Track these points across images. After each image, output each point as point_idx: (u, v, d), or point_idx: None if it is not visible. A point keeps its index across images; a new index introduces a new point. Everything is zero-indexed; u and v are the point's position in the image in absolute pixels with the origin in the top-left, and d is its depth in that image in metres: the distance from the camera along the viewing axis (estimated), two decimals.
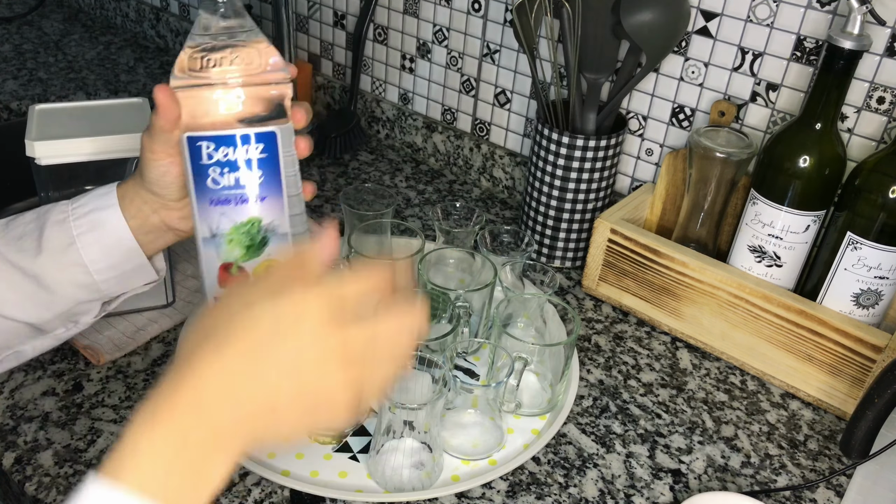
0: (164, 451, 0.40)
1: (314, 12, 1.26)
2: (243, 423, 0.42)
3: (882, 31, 0.77)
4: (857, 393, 0.76)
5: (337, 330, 0.42)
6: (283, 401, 0.42)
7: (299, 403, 0.42)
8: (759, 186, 0.79)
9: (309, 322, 0.42)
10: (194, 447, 0.40)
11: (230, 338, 0.42)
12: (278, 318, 0.42)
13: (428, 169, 1.19)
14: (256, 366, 0.41)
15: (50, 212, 0.62)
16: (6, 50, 1.46)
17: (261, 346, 0.41)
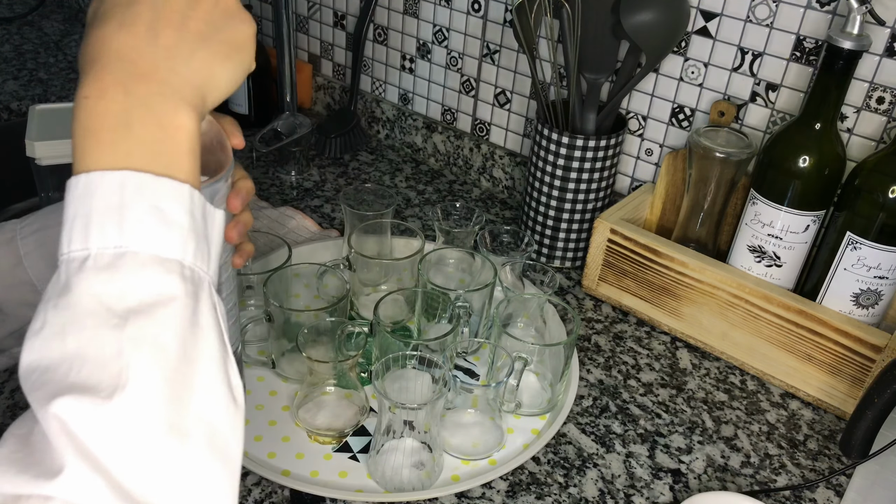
0: (115, 127, 0.41)
1: (314, 12, 1.26)
2: (158, 62, 0.42)
3: (882, 31, 0.77)
4: (856, 393, 0.76)
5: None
6: (175, 17, 0.43)
7: (190, 13, 0.44)
8: (759, 186, 0.79)
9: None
10: (139, 109, 0.41)
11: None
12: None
13: (428, 169, 1.19)
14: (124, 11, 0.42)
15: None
16: (6, 50, 1.46)
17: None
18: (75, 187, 0.41)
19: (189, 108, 0.43)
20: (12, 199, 1.30)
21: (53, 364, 0.36)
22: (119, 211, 0.39)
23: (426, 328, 0.79)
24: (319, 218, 1.04)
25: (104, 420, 0.35)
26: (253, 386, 0.77)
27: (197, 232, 0.41)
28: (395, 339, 0.70)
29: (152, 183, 0.40)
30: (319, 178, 1.14)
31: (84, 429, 0.35)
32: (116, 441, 0.35)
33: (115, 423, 0.35)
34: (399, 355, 0.67)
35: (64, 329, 0.37)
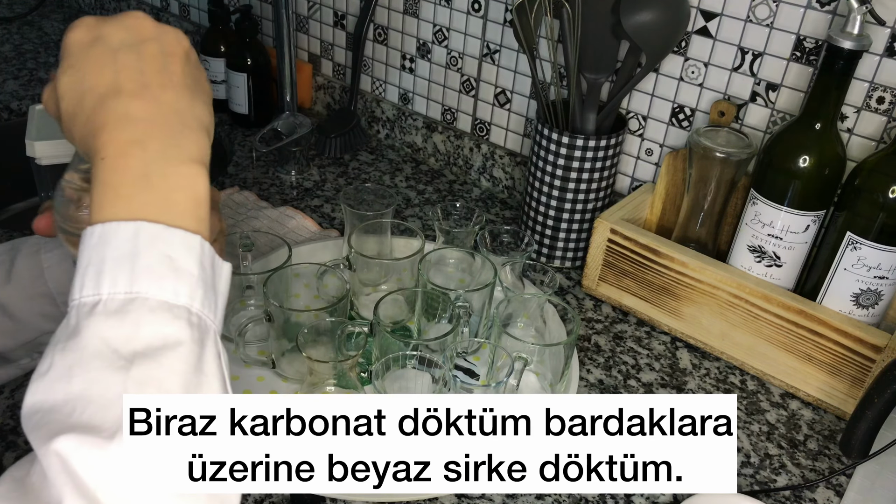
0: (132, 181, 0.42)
1: (314, 12, 1.26)
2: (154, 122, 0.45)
3: (882, 31, 0.77)
4: (856, 393, 0.76)
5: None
6: (147, 76, 0.46)
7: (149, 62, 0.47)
8: (759, 186, 0.79)
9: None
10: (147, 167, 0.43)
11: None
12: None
13: (428, 169, 1.19)
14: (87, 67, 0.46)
15: (23, 244, 0.62)
16: (6, 50, 1.46)
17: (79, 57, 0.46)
18: (90, 237, 0.41)
19: (200, 160, 0.45)
20: (12, 199, 1.30)
21: (58, 404, 0.37)
22: (132, 259, 0.40)
23: (426, 328, 0.79)
24: (319, 218, 1.04)
25: (105, 460, 0.35)
26: (253, 386, 0.77)
27: (206, 281, 0.42)
28: (395, 339, 0.70)
29: (165, 233, 0.41)
30: (319, 178, 1.14)
31: (84, 467, 0.35)
32: (116, 481, 0.35)
33: (116, 464, 0.36)
34: (399, 355, 0.67)
35: (70, 370, 0.38)
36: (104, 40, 0.46)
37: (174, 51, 0.48)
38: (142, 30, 0.47)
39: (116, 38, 0.46)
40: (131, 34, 0.47)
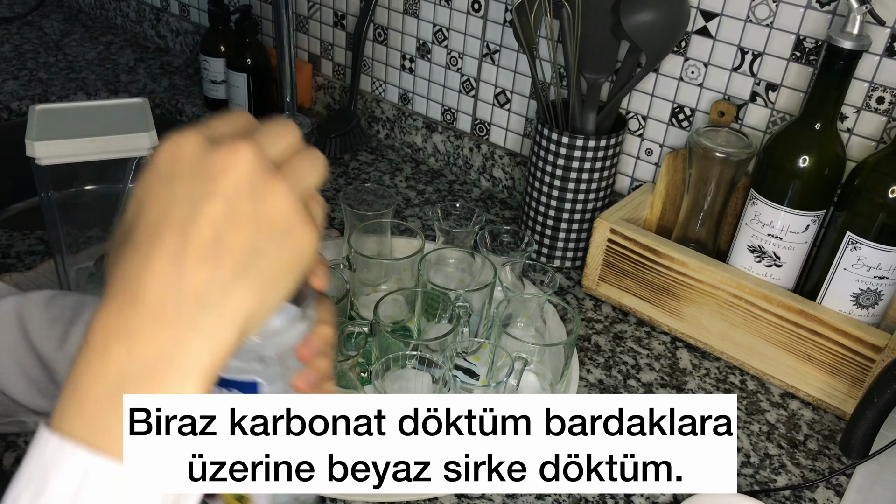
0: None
1: (314, 12, 1.26)
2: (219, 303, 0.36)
3: (882, 31, 0.77)
4: (856, 393, 0.76)
5: (220, 145, 0.36)
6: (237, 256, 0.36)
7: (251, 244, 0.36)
8: (759, 186, 0.79)
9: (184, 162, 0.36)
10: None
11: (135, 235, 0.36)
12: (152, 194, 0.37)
13: (428, 169, 1.19)
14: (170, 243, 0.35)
15: (87, 305, 0.60)
16: (6, 50, 1.46)
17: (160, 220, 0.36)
18: (45, 444, 0.35)
19: (199, 375, 0.36)
20: (12, 199, 1.30)
21: None
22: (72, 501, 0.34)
23: (426, 328, 0.79)
24: None
25: None
26: None
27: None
28: (395, 339, 0.70)
29: (117, 483, 0.35)
30: None
31: None
32: None
33: None
34: (399, 355, 0.67)
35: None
36: (175, 172, 0.36)
37: (250, 217, 0.36)
38: (223, 177, 0.35)
39: (186, 173, 0.36)
40: (205, 176, 0.35)
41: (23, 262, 0.90)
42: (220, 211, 0.35)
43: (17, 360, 0.59)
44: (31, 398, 0.59)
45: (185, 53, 1.50)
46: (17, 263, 0.90)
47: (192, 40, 1.47)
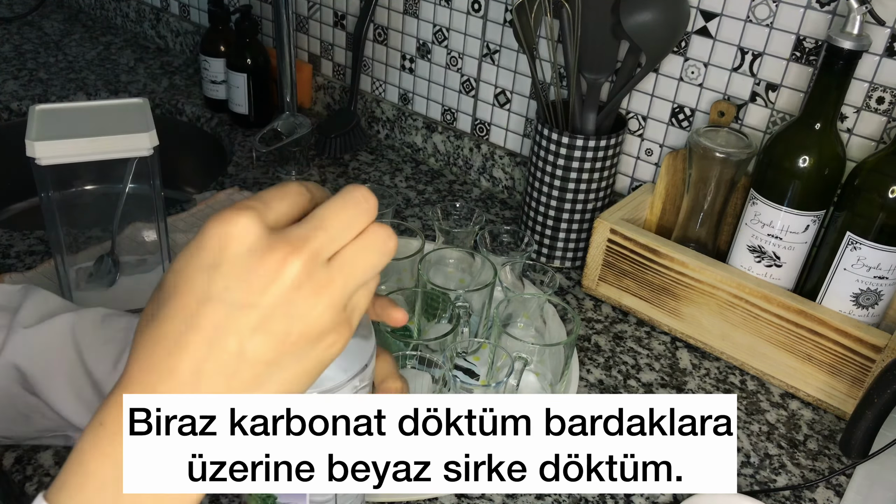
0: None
1: (314, 12, 1.26)
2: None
3: (882, 31, 0.77)
4: (856, 393, 0.76)
5: (271, 250, 0.35)
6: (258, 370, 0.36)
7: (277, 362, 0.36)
8: (759, 186, 0.79)
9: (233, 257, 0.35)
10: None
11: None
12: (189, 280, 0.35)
13: (428, 169, 1.19)
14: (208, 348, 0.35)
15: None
16: (6, 50, 1.46)
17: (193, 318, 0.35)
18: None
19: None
20: (12, 199, 1.30)
21: None
22: None
23: (426, 328, 0.79)
24: None
25: None
26: None
27: None
28: (395, 339, 0.70)
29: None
30: (319, 178, 1.14)
31: None
32: None
33: None
34: (399, 355, 0.67)
35: None
36: (220, 263, 0.34)
37: (280, 335, 0.35)
38: (266, 290, 0.34)
39: (231, 271, 0.34)
40: (248, 283, 0.34)
41: (23, 262, 0.90)
42: (252, 324, 0.34)
43: (70, 379, 0.59)
44: (81, 418, 0.60)
45: (185, 53, 1.50)
46: (17, 263, 0.90)
47: (192, 40, 1.47)
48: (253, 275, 0.34)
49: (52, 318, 0.61)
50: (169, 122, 1.32)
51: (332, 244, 0.36)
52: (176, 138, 1.31)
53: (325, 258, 0.36)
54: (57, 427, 0.62)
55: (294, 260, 0.34)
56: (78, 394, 0.59)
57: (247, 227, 0.34)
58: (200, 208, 1.02)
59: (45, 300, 0.64)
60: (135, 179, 0.77)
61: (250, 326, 0.34)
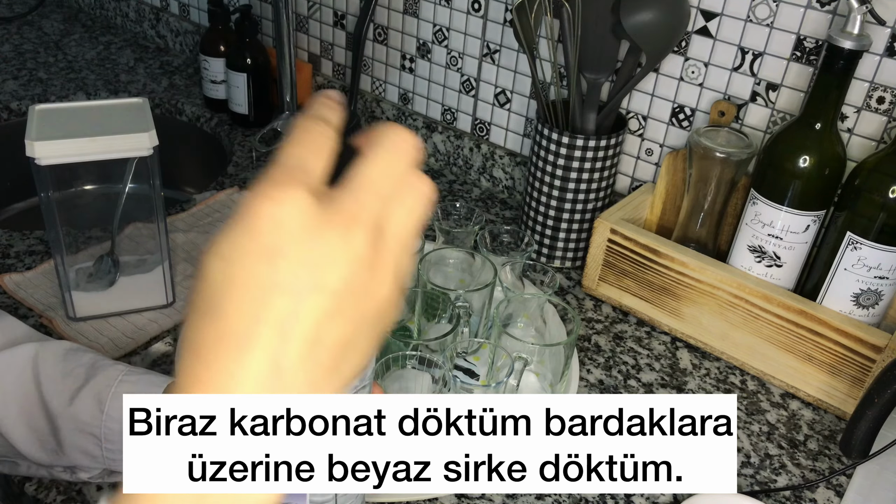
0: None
1: (314, 12, 1.26)
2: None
3: (882, 31, 0.77)
4: (857, 393, 0.76)
5: (330, 225, 0.32)
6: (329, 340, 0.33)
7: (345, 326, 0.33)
8: (759, 186, 0.79)
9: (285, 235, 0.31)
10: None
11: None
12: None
13: (428, 169, 1.19)
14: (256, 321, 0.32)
15: (103, 369, 0.60)
16: (6, 50, 1.46)
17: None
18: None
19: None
20: (12, 199, 1.30)
21: None
22: None
23: (426, 328, 0.79)
24: None
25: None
26: None
27: None
28: (395, 339, 0.70)
29: None
30: None
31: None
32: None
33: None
34: (399, 355, 0.67)
35: None
36: (278, 248, 0.31)
37: (353, 315, 0.33)
38: (334, 268, 0.32)
39: (293, 254, 0.31)
40: (314, 263, 0.31)
41: (23, 262, 0.90)
42: (325, 307, 0.32)
43: (25, 408, 0.59)
44: (30, 448, 0.60)
45: (185, 53, 1.50)
46: (17, 263, 0.90)
47: (191, 40, 1.47)
48: (317, 255, 0.31)
49: (16, 347, 0.61)
50: (169, 122, 1.32)
51: (386, 208, 0.33)
52: (176, 138, 1.31)
53: (382, 225, 0.33)
54: (5, 453, 0.62)
55: (357, 233, 0.32)
56: (30, 423, 0.59)
57: (299, 204, 0.31)
58: (200, 208, 1.02)
59: (11, 327, 0.64)
60: (135, 179, 0.77)
61: (324, 310, 0.32)
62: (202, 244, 0.95)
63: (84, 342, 0.78)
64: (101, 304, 0.82)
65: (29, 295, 0.84)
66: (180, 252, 0.93)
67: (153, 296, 0.83)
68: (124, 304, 0.83)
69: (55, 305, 0.83)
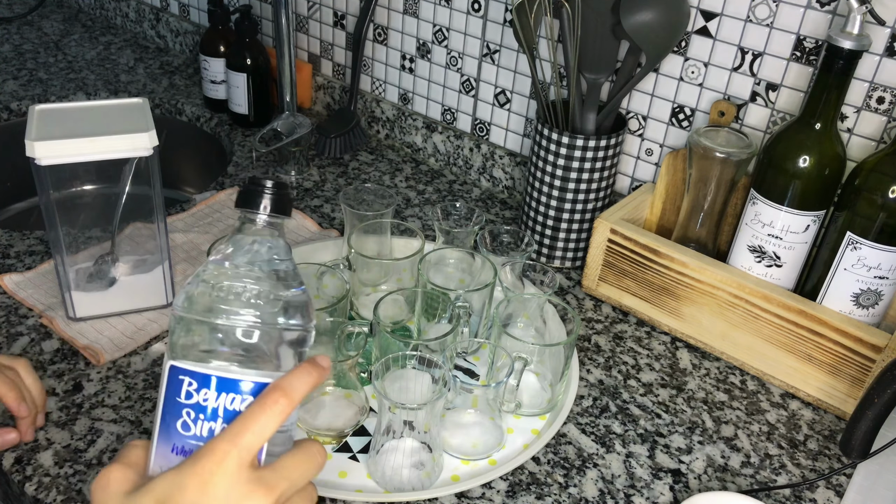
0: None
1: (314, 12, 1.26)
2: None
3: (882, 31, 0.77)
4: (856, 393, 0.76)
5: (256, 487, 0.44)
6: None
7: None
8: (759, 186, 0.79)
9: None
10: None
11: None
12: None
13: (428, 169, 1.19)
14: None
15: None
16: (6, 50, 1.46)
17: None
18: None
19: None
20: (12, 199, 1.30)
21: None
22: None
23: (426, 328, 0.79)
24: (319, 218, 1.04)
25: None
26: None
27: None
28: (395, 339, 0.70)
29: None
30: (319, 178, 1.14)
31: None
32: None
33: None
34: (399, 355, 0.67)
35: None
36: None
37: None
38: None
39: (219, 496, 0.43)
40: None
41: (23, 262, 0.90)
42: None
43: None
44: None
45: (185, 53, 1.50)
46: (17, 263, 0.90)
47: (191, 40, 1.47)
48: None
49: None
50: (169, 122, 1.32)
51: (291, 490, 0.45)
52: (176, 138, 1.31)
53: (284, 501, 0.45)
54: None
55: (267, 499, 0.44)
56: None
57: (233, 460, 0.43)
58: (200, 208, 1.02)
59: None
60: (135, 179, 0.77)
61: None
62: (202, 244, 0.95)
63: (84, 342, 0.78)
64: (101, 304, 0.82)
65: (29, 295, 0.84)
66: (180, 252, 0.93)
67: (153, 296, 0.83)
68: (124, 304, 0.83)
69: (55, 305, 0.83)
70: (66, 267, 0.78)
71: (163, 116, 1.32)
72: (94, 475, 0.66)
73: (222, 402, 0.45)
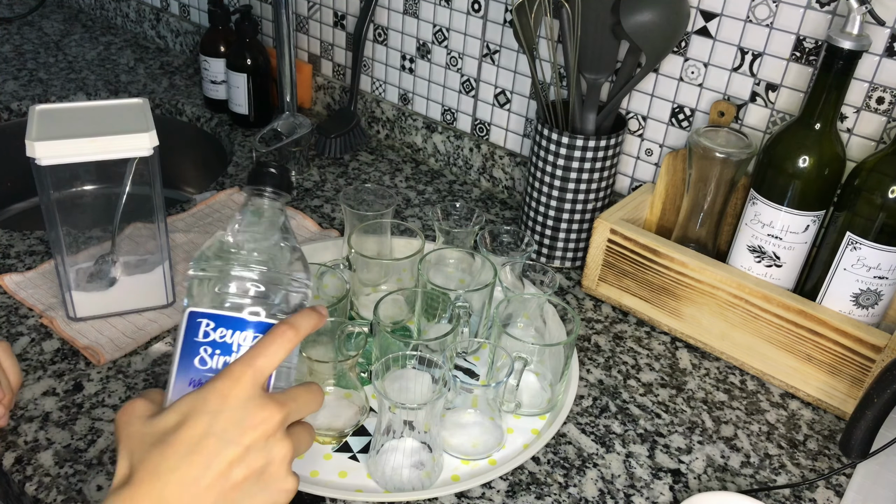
0: None
1: (314, 12, 1.26)
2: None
3: (882, 31, 0.77)
4: (856, 393, 0.76)
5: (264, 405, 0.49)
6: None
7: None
8: (759, 186, 0.79)
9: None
10: None
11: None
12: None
13: (428, 169, 1.19)
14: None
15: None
16: (6, 50, 1.46)
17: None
18: None
19: None
20: (12, 199, 1.31)
21: None
22: None
23: (426, 328, 0.79)
24: (319, 218, 1.04)
25: None
26: None
27: None
28: (395, 339, 0.70)
29: None
30: (319, 178, 1.14)
31: None
32: None
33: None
34: (399, 355, 0.67)
35: None
36: (221, 410, 0.47)
37: (256, 469, 0.48)
38: (252, 432, 0.48)
39: (229, 416, 0.47)
40: (240, 427, 0.47)
41: (23, 262, 0.90)
42: (239, 455, 0.47)
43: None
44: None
45: (185, 53, 1.50)
46: (17, 263, 0.90)
47: (192, 40, 1.47)
48: (245, 421, 0.48)
49: None
50: (169, 122, 1.32)
51: (297, 413, 0.51)
52: (176, 138, 1.31)
53: (289, 423, 0.50)
54: None
55: (278, 412, 0.49)
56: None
57: (245, 382, 0.48)
58: (200, 208, 1.02)
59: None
60: (135, 179, 0.77)
61: (238, 457, 0.47)
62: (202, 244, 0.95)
63: (84, 342, 0.78)
64: (101, 304, 0.82)
65: (29, 295, 0.84)
66: (180, 252, 0.93)
67: (153, 296, 0.83)
68: (124, 304, 0.83)
69: (55, 305, 0.83)
70: (67, 267, 0.78)
71: (163, 116, 1.32)
72: (95, 475, 0.66)
73: (237, 338, 0.51)
